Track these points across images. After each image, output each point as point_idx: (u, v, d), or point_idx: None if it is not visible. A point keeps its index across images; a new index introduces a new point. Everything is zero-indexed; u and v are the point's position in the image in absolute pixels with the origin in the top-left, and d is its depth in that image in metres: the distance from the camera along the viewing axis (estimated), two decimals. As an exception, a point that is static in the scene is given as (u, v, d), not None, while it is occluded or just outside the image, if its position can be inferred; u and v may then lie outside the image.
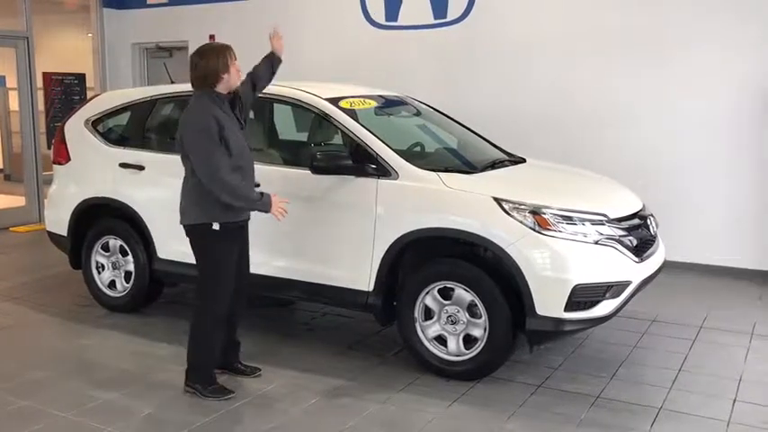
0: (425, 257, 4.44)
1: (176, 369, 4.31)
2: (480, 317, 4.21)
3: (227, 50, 4.02)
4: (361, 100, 5.07)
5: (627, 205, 4.63)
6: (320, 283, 4.66)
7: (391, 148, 4.55)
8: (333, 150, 4.91)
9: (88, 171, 5.65)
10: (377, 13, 8.26)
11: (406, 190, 4.40)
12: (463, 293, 4.26)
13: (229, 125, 3.95)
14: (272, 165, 4.90)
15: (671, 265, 5.36)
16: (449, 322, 4.33)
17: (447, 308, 4.33)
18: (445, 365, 4.35)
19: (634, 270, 4.25)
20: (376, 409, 3.99)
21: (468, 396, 4.15)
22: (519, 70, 7.49)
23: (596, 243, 4.14)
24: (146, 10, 9.91)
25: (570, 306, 4.03)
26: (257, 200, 3.99)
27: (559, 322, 4.05)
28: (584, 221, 4.18)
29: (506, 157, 5.28)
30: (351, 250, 4.55)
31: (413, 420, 3.87)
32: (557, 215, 4.13)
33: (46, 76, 9.35)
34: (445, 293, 4.33)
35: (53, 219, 5.88)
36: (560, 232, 4.08)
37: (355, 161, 4.48)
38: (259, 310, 5.49)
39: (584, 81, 7.18)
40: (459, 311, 4.29)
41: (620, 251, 4.20)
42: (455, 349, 4.33)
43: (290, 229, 4.57)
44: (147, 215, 5.29)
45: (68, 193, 5.72)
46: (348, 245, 4.56)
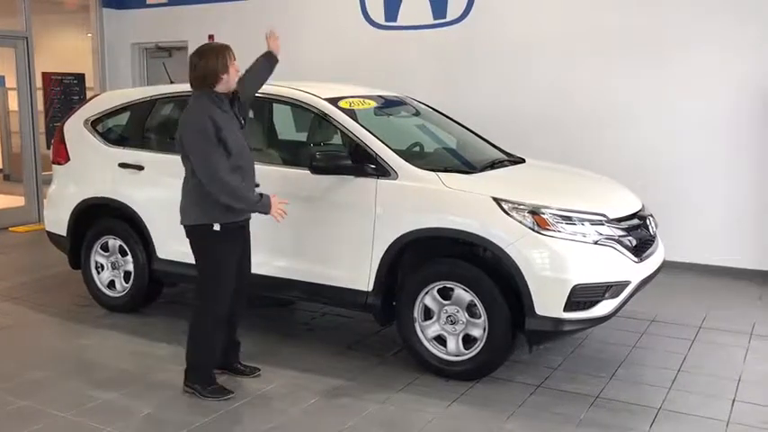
0: (425, 257, 4.44)
1: (176, 369, 4.31)
2: (480, 317, 4.22)
3: (226, 51, 4.00)
4: (361, 100, 5.08)
5: (626, 205, 4.63)
6: (320, 283, 4.66)
7: (391, 148, 4.55)
8: (332, 150, 4.91)
9: (87, 171, 5.64)
10: (376, 14, 8.26)
11: (405, 190, 4.40)
12: (462, 293, 4.26)
13: (228, 125, 3.94)
14: (271, 165, 4.89)
15: (670, 265, 5.37)
16: (448, 322, 4.33)
17: (446, 308, 4.33)
18: (444, 365, 4.35)
19: (633, 270, 4.25)
20: (375, 409, 3.99)
21: (468, 396, 4.15)
22: (518, 70, 7.49)
23: (595, 243, 4.15)
24: (145, 10, 9.91)
25: (569, 306, 4.03)
26: (257, 201, 3.98)
27: (559, 322, 4.05)
28: (584, 221, 4.18)
29: (506, 158, 5.28)
30: (350, 250, 4.55)
31: (412, 420, 3.87)
32: (556, 215, 4.13)
33: (45, 76, 9.34)
34: (445, 293, 4.33)
35: (52, 219, 5.87)
36: (560, 232, 4.08)
37: (355, 161, 4.49)
38: (259, 310, 5.49)
39: (583, 81, 7.18)
40: (458, 311, 4.29)
41: (620, 251, 4.20)
42: (454, 349, 4.33)
43: (290, 229, 4.57)
44: (147, 215, 5.28)
45: (68, 193, 5.71)
46: (347, 245, 4.56)
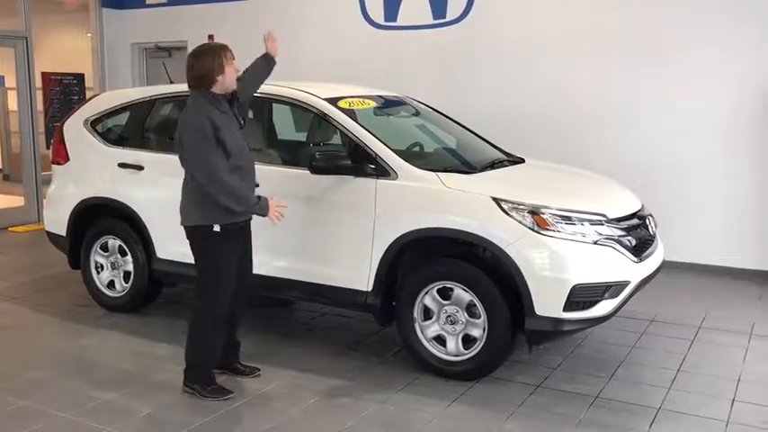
0: (424, 257, 4.44)
1: (175, 369, 4.31)
2: (479, 317, 4.21)
3: (222, 51, 3.95)
4: (360, 100, 5.07)
5: (626, 205, 4.63)
6: (319, 283, 4.66)
7: (390, 148, 4.55)
8: (332, 150, 4.91)
9: (87, 171, 5.64)
10: (376, 14, 8.26)
11: (405, 190, 4.40)
12: (462, 293, 4.26)
13: (227, 125, 3.92)
14: (270, 165, 4.89)
15: (670, 265, 5.37)
16: (448, 322, 4.33)
17: (446, 308, 4.33)
18: (444, 365, 4.35)
19: (633, 270, 4.25)
20: (375, 409, 3.99)
21: (468, 396, 4.15)
22: (518, 70, 7.49)
23: (595, 243, 4.14)
24: (145, 10, 9.91)
25: (569, 306, 4.03)
26: (255, 203, 3.97)
27: (558, 322, 4.05)
28: (583, 221, 4.18)
29: (505, 158, 5.28)
30: (350, 250, 4.55)
31: (412, 420, 3.87)
32: (556, 215, 4.13)
33: (45, 75, 9.34)
34: (444, 293, 4.32)
35: (52, 219, 5.87)
36: (559, 232, 4.08)
37: (354, 161, 4.48)
38: (259, 310, 5.48)
39: (583, 81, 7.18)
40: (458, 311, 4.29)
41: (619, 251, 4.20)
42: (454, 349, 4.33)
43: (290, 230, 4.56)
44: (146, 215, 5.28)
45: (67, 193, 5.71)
46: (347, 245, 4.56)
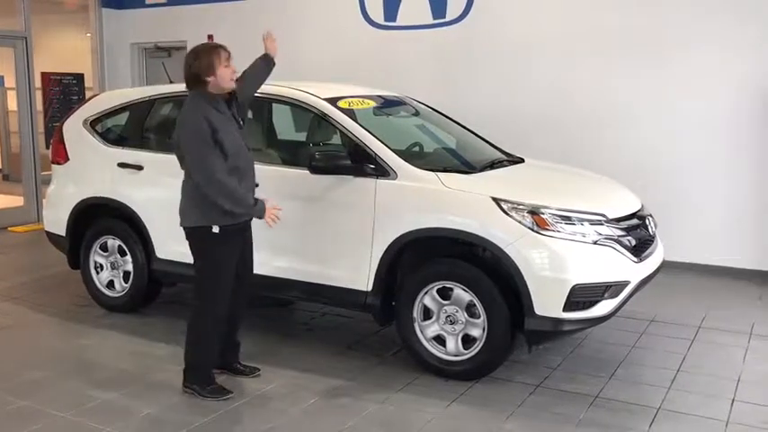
0: (424, 257, 4.44)
1: (175, 369, 4.30)
2: (479, 317, 4.21)
3: (215, 52, 3.89)
4: (360, 100, 5.07)
5: (626, 205, 4.63)
6: (319, 283, 4.65)
7: (390, 148, 4.55)
8: (331, 150, 4.90)
9: (87, 171, 5.64)
10: (376, 13, 8.25)
11: (404, 190, 4.40)
12: (462, 293, 4.26)
13: (225, 126, 3.89)
14: (270, 165, 4.88)
15: (670, 265, 5.36)
16: (447, 322, 4.33)
17: (446, 308, 4.32)
18: (444, 365, 4.35)
19: (633, 270, 4.25)
20: (375, 409, 3.99)
21: (467, 396, 4.14)
22: (518, 70, 7.49)
23: (595, 243, 4.14)
24: (144, 10, 9.91)
25: (569, 306, 4.03)
26: (253, 205, 3.95)
27: (558, 322, 4.05)
28: (583, 221, 4.18)
29: (505, 158, 5.28)
30: (349, 250, 4.54)
31: (412, 420, 3.86)
32: (555, 215, 4.13)
33: (44, 75, 9.33)
34: (444, 293, 4.32)
35: (51, 219, 5.87)
36: (559, 232, 4.08)
37: (354, 161, 4.48)
38: (259, 310, 5.48)
39: (583, 81, 7.18)
40: (457, 311, 4.29)
41: (619, 251, 4.20)
42: (454, 349, 4.32)
43: (289, 230, 4.56)
44: (146, 215, 5.28)
45: (67, 192, 5.71)
46: (347, 245, 4.56)
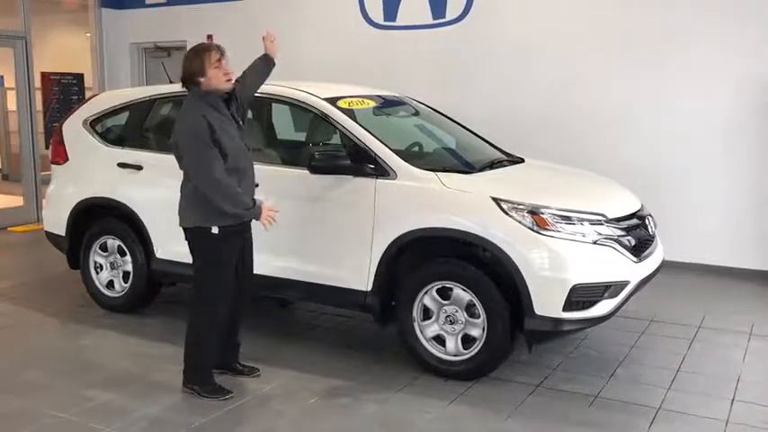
0: (424, 257, 4.43)
1: (175, 369, 4.30)
2: (479, 317, 4.21)
3: (206, 53, 3.86)
4: (360, 100, 5.07)
5: (625, 205, 4.63)
6: (319, 283, 4.65)
7: (390, 147, 4.55)
8: (331, 150, 4.89)
9: (86, 171, 5.64)
10: (375, 13, 8.26)
11: (404, 190, 4.40)
12: (462, 293, 4.26)
13: (223, 126, 3.88)
14: (270, 164, 4.88)
15: (669, 265, 5.36)
16: (447, 322, 4.33)
17: (445, 308, 4.32)
18: (444, 365, 4.34)
19: (632, 270, 4.25)
20: (375, 409, 3.98)
21: (467, 396, 4.14)
22: (518, 71, 7.49)
23: (595, 243, 4.14)
24: (144, 10, 9.91)
25: (569, 306, 4.03)
26: (250, 206, 3.95)
27: (558, 322, 4.05)
28: (583, 221, 4.18)
29: (505, 158, 5.28)
30: (349, 250, 4.54)
31: (412, 420, 3.86)
32: (555, 215, 4.13)
33: (44, 75, 9.34)
34: (444, 293, 4.32)
35: (51, 219, 5.86)
36: (559, 232, 4.08)
37: (353, 161, 4.48)
38: (259, 310, 5.47)
39: (583, 82, 7.18)
40: (457, 311, 4.29)
41: (619, 251, 4.20)
42: (453, 349, 4.32)
43: (289, 230, 4.56)
44: (146, 215, 5.28)
45: (66, 193, 5.70)
46: (346, 245, 4.56)
